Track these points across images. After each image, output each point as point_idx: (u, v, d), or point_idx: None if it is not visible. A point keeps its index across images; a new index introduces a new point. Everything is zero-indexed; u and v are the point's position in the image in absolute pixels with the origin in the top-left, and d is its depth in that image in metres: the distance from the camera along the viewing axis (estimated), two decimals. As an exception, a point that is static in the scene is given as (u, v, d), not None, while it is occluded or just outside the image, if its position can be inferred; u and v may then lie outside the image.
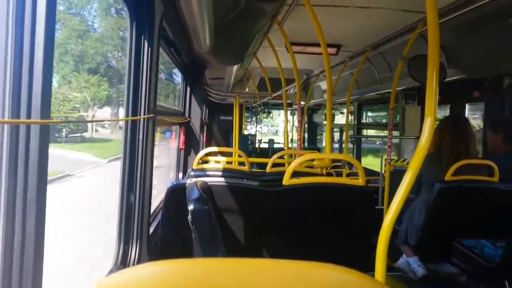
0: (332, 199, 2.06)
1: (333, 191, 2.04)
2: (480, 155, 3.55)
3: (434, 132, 2.43)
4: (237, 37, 3.00)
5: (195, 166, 2.88)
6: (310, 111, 10.44)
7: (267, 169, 2.88)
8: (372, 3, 2.82)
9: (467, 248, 2.66)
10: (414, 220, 2.89)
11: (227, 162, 3.17)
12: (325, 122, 3.55)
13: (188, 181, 1.83)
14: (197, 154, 3.13)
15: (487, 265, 2.51)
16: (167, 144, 4.92)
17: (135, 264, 1.76)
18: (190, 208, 1.53)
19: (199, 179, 1.90)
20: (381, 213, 3.46)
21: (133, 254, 1.79)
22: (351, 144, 7.08)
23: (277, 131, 25.03)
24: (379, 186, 4.16)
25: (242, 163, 3.22)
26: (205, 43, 2.67)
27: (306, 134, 10.84)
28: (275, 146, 9.50)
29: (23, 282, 0.90)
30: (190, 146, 4.09)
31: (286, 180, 1.97)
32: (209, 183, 1.95)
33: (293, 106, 8.72)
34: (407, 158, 5.00)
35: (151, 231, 2.15)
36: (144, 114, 1.78)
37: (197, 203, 1.56)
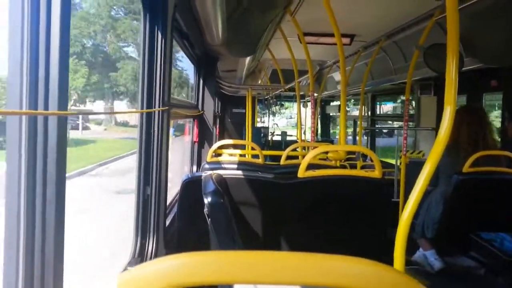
0: (348, 192, 2.05)
1: (349, 183, 2.03)
2: (499, 146, 3.47)
3: None
4: (249, 28, 2.97)
5: (209, 159, 2.89)
6: (323, 103, 10.36)
7: (281, 162, 2.87)
8: None
9: (485, 241, 2.61)
10: (431, 212, 2.85)
11: (240, 155, 3.17)
12: (339, 113, 3.51)
13: (203, 174, 1.83)
14: (210, 147, 3.13)
15: (506, 259, 2.46)
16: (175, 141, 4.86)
17: (152, 257, 1.77)
18: (207, 201, 1.52)
19: (214, 171, 1.90)
20: (396, 206, 3.42)
21: (150, 247, 1.79)
22: (365, 137, 7.00)
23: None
24: (395, 179, 4.11)
25: (255, 156, 3.22)
26: (218, 34, 2.65)
27: (319, 126, 10.77)
28: (288, 138, 9.47)
29: (45, 277, 0.90)
30: (203, 139, 4.10)
31: (302, 173, 1.96)
32: (224, 176, 1.95)
33: (306, 98, 8.66)
34: (422, 149, 4.92)
35: (167, 223, 2.16)
36: (159, 107, 1.78)
37: (214, 196, 1.55)
